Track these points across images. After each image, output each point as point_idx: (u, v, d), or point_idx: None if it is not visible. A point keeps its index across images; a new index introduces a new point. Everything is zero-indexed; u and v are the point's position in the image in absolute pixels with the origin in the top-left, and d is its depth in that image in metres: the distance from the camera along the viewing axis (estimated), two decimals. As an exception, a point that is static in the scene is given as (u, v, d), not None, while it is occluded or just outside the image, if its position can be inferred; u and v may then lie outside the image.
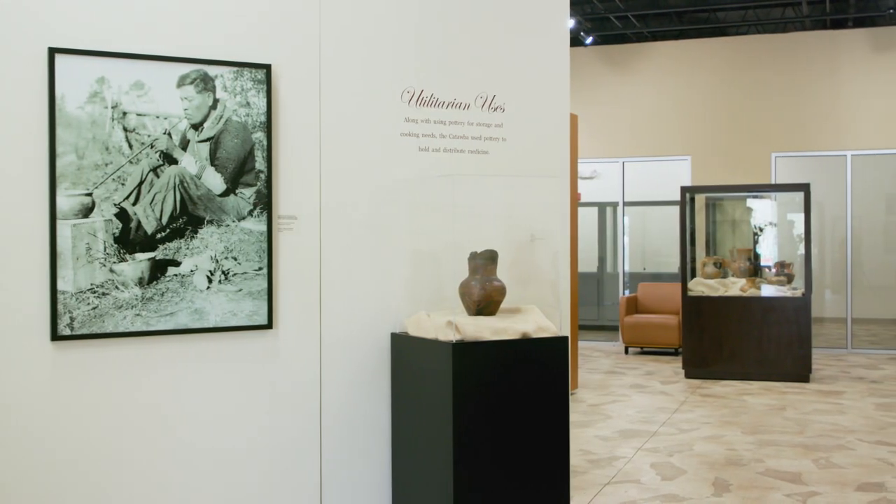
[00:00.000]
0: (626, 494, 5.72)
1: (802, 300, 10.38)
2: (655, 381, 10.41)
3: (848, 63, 13.48)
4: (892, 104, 13.16)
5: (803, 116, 13.55)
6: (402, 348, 4.29)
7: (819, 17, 13.59)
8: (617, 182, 14.47)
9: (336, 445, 4.25)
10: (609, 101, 14.51)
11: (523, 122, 4.72)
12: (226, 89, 3.96)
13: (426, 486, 4.09)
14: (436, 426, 3.96)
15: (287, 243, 4.13)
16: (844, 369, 11.32)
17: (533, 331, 4.10)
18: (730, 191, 12.47)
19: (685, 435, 7.41)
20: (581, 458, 6.63)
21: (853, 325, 13.25)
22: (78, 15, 3.73)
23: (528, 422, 4.05)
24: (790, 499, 5.59)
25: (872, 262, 13.91)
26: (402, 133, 4.42)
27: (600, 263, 15.70)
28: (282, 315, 4.12)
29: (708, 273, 11.20)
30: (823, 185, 13.37)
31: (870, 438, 7.27)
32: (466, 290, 4.16)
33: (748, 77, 13.87)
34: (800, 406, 8.73)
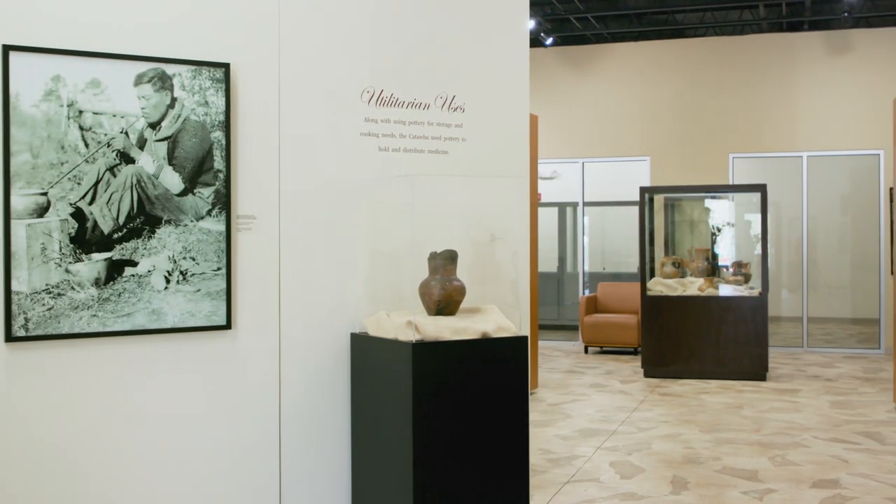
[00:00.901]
0: (586, 493, 5.75)
1: (759, 299, 10.50)
2: (615, 380, 10.48)
3: (804, 65, 13.65)
4: (846, 106, 13.35)
5: (760, 118, 13.70)
6: (362, 348, 4.28)
7: (776, 19, 13.75)
8: (577, 182, 14.54)
9: (295, 446, 4.24)
10: (569, 101, 14.58)
11: (483, 122, 4.74)
12: (184, 88, 3.93)
13: (386, 486, 4.08)
14: (395, 426, 3.96)
15: (246, 243, 4.11)
16: (800, 368, 11.47)
17: (493, 330, 4.11)
18: (688, 191, 12.59)
19: (644, 433, 7.47)
20: (541, 457, 6.66)
21: (809, 324, 13.42)
22: (33, 12, 3.68)
23: (488, 421, 4.06)
24: (747, 496, 5.66)
25: (827, 261, 14.10)
26: (362, 133, 4.41)
27: (560, 263, 15.77)
28: (240, 315, 4.09)
29: (666, 273, 11.29)
30: (780, 186, 13.53)
31: (825, 436, 7.37)
32: (426, 290, 4.16)
33: (706, 78, 14.00)
34: (756, 404, 8.83)
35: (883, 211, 12.95)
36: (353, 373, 4.34)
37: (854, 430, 7.57)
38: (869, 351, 12.97)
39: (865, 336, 13.64)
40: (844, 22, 13.14)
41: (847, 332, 14.17)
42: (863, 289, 13.79)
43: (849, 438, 7.27)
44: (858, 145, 13.23)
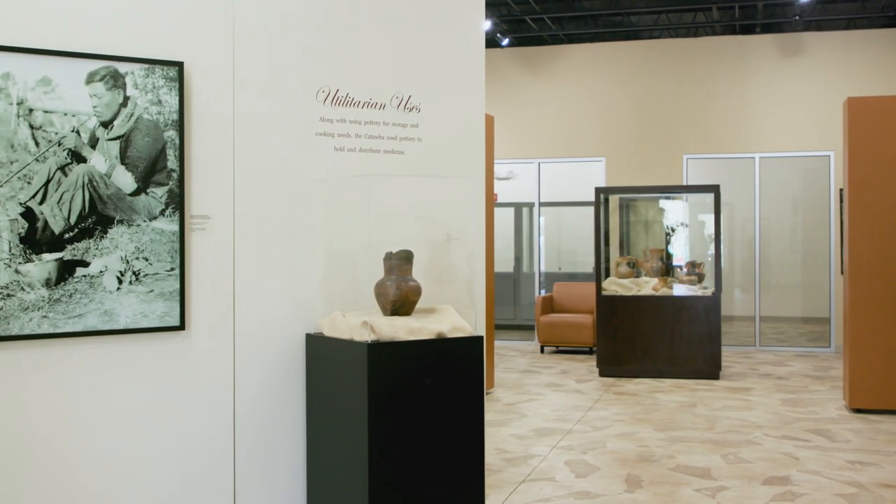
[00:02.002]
0: (541, 492, 5.78)
1: (712, 299, 10.61)
2: (570, 379, 10.54)
3: (756, 67, 13.82)
4: (798, 108, 13.54)
5: (713, 119, 13.85)
6: (317, 349, 4.27)
7: (729, 22, 13.91)
8: (533, 183, 14.60)
9: (250, 448, 4.21)
10: (525, 102, 14.63)
11: (439, 122, 4.74)
12: (136, 87, 3.89)
13: (342, 487, 4.07)
14: (351, 427, 3.95)
15: (200, 243, 4.08)
16: (752, 366, 11.61)
17: (448, 330, 4.12)
18: (643, 192, 12.69)
19: (599, 432, 7.52)
20: (496, 456, 6.68)
21: (761, 323, 13.59)
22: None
23: (444, 421, 4.07)
24: (700, 493, 5.72)
25: (779, 261, 14.29)
26: (318, 133, 4.40)
27: (516, 263, 15.83)
28: (194, 316, 4.06)
29: (621, 273, 11.37)
30: (733, 187, 13.69)
31: (776, 433, 7.47)
32: (382, 291, 4.16)
33: (661, 80, 14.12)
34: (710, 403, 8.93)
35: (833, 211, 13.15)
36: (309, 373, 4.33)
37: (804, 428, 7.68)
38: (819, 349, 13.17)
39: (816, 335, 13.84)
40: (796, 25, 13.33)
41: (798, 331, 14.37)
42: (814, 288, 13.99)
43: (799, 436, 7.37)
44: (809, 147, 13.42)
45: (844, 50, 13.54)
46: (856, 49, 13.51)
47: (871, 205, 8.32)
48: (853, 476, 6.11)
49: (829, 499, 5.60)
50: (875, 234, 8.30)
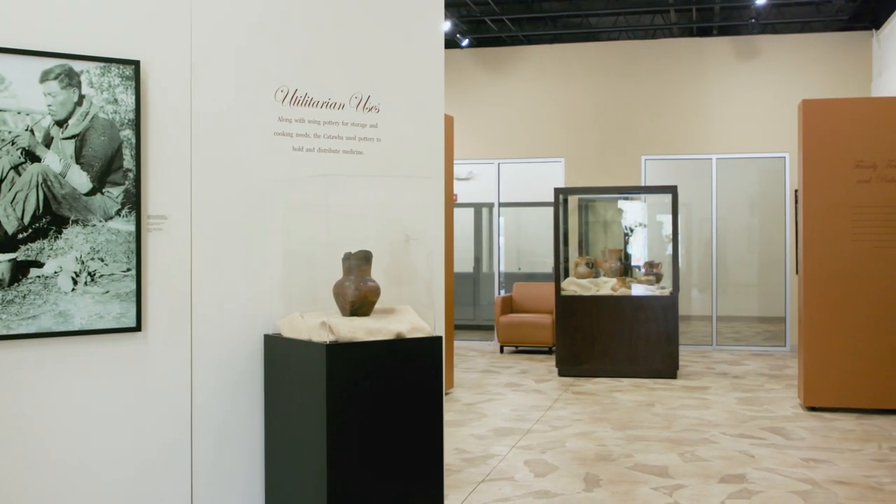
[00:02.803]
0: (500, 492, 5.79)
1: (670, 299, 10.70)
2: (530, 379, 10.58)
3: (713, 70, 13.96)
4: (754, 109, 13.69)
5: (671, 120, 13.97)
6: (276, 350, 4.25)
7: (686, 24, 14.04)
8: (492, 183, 14.63)
9: (208, 450, 4.18)
10: (485, 103, 14.67)
11: (398, 122, 4.74)
12: (92, 85, 3.85)
13: (300, 488, 4.06)
14: (310, 428, 3.94)
15: (156, 244, 4.05)
16: (710, 365, 11.72)
17: (407, 331, 4.12)
18: (601, 192, 12.78)
19: (558, 432, 7.55)
20: (456, 456, 6.69)
21: (718, 322, 13.73)
22: (-68, 5, 3.57)
23: (403, 422, 4.07)
24: (657, 492, 5.76)
25: (736, 261, 14.45)
26: (276, 132, 4.38)
27: (476, 263, 15.86)
28: (151, 317, 4.03)
29: (580, 273, 11.43)
30: (690, 188, 13.81)
31: (732, 432, 7.54)
32: (340, 291, 4.15)
33: (619, 81, 14.22)
34: (667, 402, 9.00)
35: (788, 212, 13.31)
36: (267, 375, 4.31)
37: (760, 426, 7.77)
38: (775, 348, 13.33)
39: (772, 334, 14.00)
40: (752, 28, 13.48)
41: (754, 331, 14.53)
42: (769, 288, 14.16)
43: (755, 434, 7.46)
44: (765, 148, 13.58)
45: (799, 53, 13.71)
46: (810, 52, 13.69)
47: (825, 206, 8.43)
48: (807, 473, 6.19)
49: (783, 496, 5.67)
50: (829, 235, 8.41)
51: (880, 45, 13.00)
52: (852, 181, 8.39)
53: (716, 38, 14.13)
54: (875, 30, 13.25)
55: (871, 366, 8.35)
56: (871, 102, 9.55)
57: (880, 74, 12.92)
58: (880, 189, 8.36)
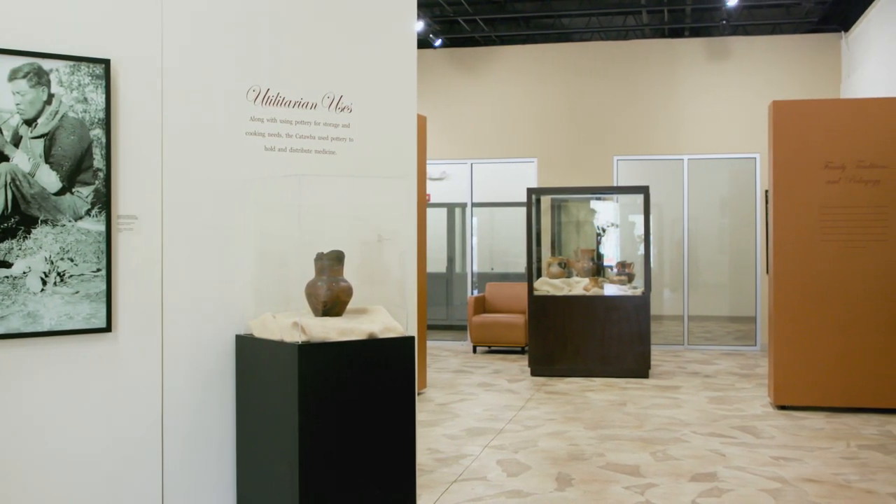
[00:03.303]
0: (473, 491, 5.80)
1: (642, 299, 10.75)
2: (502, 379, 10.59)
3: (685, 71, 14.04)
4: (725, 110, 13.79)
5: (643, 121, 14.04)
6: (248, 350, 4.23)
7: (658, 25, 14.11)
8: (465, 183, 14.65)
9: (178, 451, 4.16)
10: (458, 103, 14.68)
11: (371, 122, 4.74)
12: (62, 84, 3.82)
13: (272, 489, 4.04)
14: (281, 428, 3.92)
15: (127, 244, 4.02)
16: (681, 365, 11.78)
17: (380, 331, 4.12)
18: (574, 192, 12.81)
19: (530, 431, 7.57)
20: (429, 456, 6.69)
21: (689, 322, 13.81)
22: None
23: (375, 422, 4.06)
24: (629, 491, 5.79)
25: (707, 261, 14.53)
26: (248, 132, 4.36)
27: (449, 263, 15.86)
28: (121, 318, 4.00)
29: (553, 273, 11.46)
30: (662, 188, 13.89)
31: (703, 431, 7.59)
32: (313, 291, 4.14)
33: (592, 82, 14.27)
34: (639, 401, 9.04)
35: (759, 212, 13.41)
36: (239, 375, 4.29)
37: (731, 425, 7.82)
38: (746, 348, 13.42)
39: (742, 333, 14.10)
40: (723, 29, 13.57)
41: (725, 330, 14.63)
42: (740, 288, 14.25)
43: (726, 433, 7.51)
44: (736, 149, 13.67)
45: (770, 54, 13.82)
46: (781, 53, 13.80)
47: (795, 206, 8.51)
48: (777, 472, 6.24)
49: (754, 494, 5.71)
50: (798, 235, 8.49)
51: (849, 46, 13.13)
52: (822, 182, 8.47)
53: (687, 40, 14.22)
54: (844, 32, 13.38)
55: (840, 365, 8.43)
56: (841, 104, 9.64)
57: (849, 76, 13.04)
58: (849, 190, 8.44)
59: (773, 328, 8.67)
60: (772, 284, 8.71)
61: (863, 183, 8.42)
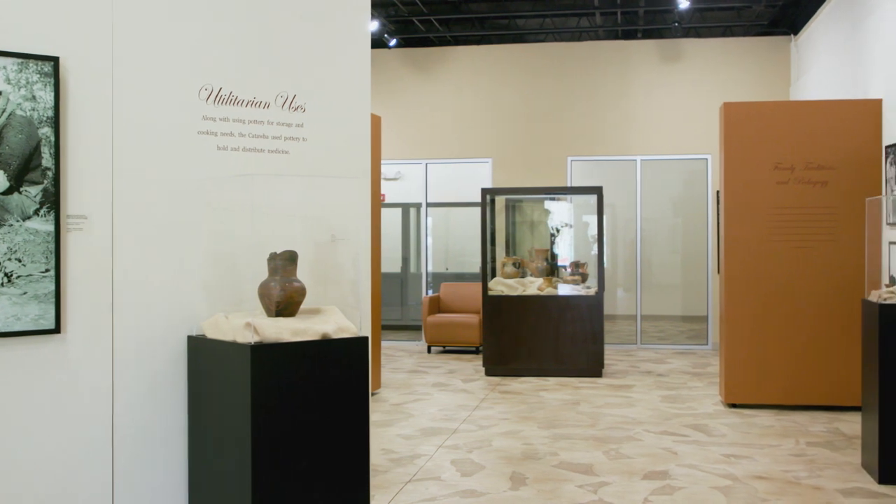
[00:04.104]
0: (427, 491, 5.80)
1: (596, 298, 10.82)
2: (457, 379, 10.61)
3: (638, 72, 14.16)
4: (677, 112, 13.92)
5: (597, 122, 14.13)
6: (200, 351, 4.20)
7: (611, 27, 14.21)
8: (420, 183, 14.64)
9: (129, 454, 4.11)
10: (413, 103, 14.67)
11: (324, 122, 4.72)
12: (9, 82, 3.76)
13: (225, 491, 4.01)
14: (234, 430, 3.90)
15: (76, 244, 3.97)
16: (634, 364, 11.88)
17: (333, 331, 4.10)
18: (528, 193, 12.87)
19: (484, 431, 7.59)
20: (383, 457, 6.68)
21: (642, 321, 13.93)
22: None
23: (329, 423, 4.05)
24: (582, 489, 5.83)
25: (660, 261, 14.66)
26: (200, 131, 4.32)
27: (404, 264, 15.85)
28: (71, 319, 3.94)
29: (507, 273, 11.50)
30: (615, 188, 13.99)
31: (656, 429, 7.66)
32: (266, 291, 4.11)
33: (546, 83, 14.33)
34: (593, 400, 9.10)
35: (710, 213, 13.55)
36: (191, 377, 4.25)
37: (683, 423, 7.91)
38: (697, 347, 13.56)
39: (695, 332, 14.25)
40: (675, 31, 13.70)
41: (678, 329, 14.77)
42: (692, 287, 14.40)
43: (678, 431, 7.59)
44: (688, 150, 13.81)
45: (721, 56, 13.98)
46: (732, 56, 13.97)
47: (746, 206, 8.62)
48: (728, 469, 6.32)
49: (705, 492, 5.77)
50: (749, 235, 8.60)
51: (798, 49, 13.32)
52: (771, 183, 8.59)
53: (640, 41, 14.34)
54: (793, 35, 13.57)
55: (789, 363, 8.56)
56: (790, 106, 9.78)
57: (798, 78, 13.23)
58: (798, 190, 8.56)
59: (724, 327, 8.77)
60: (723, 284, 8.82)
61: (811, 184, 8.55)
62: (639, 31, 14.49)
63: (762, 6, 12.80)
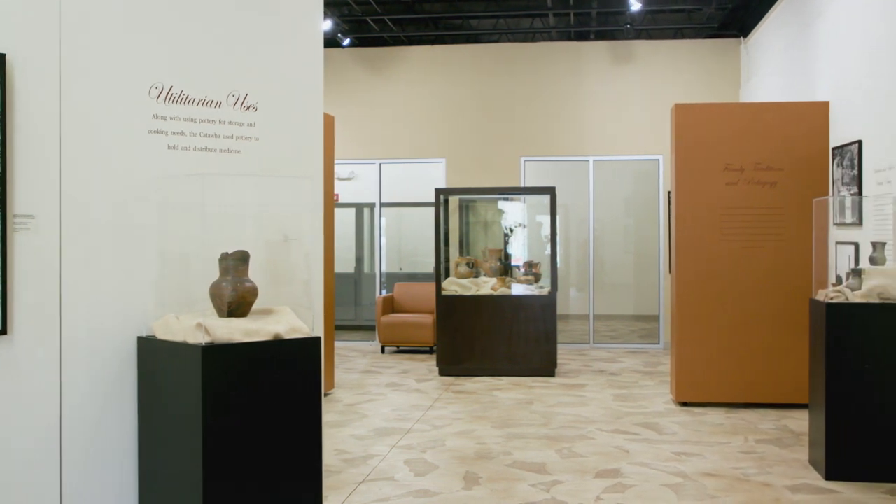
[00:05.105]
0: (381, 492, 5.79)
1: (549, 298, 10.87)
2: (411, 379, 10.60)
3: (590, 73, 14.25)
4: (629, 113, 14.03)
5: (550, 122, 14.20)
6: (150, 352, 4.16)
7: (564, 28, 14.28)
8: (374, 183, 14.62)
9: (78, 457, 4.06)
10: (367, 103, 14.64)
11: (277, 121, 4.70)
12: (-47, 79, 3.69)
13: (175, 493, 3.98)
14: (185, 432, 3.86)
15: (23, 244, 3.91)
16: (587, 363, 11.95)
17: (285, 332, 4.09)
18: (481, 193, 12.90)
19: (438, 431, 7.60)
20: (336, 457, 6.66)
21: (595, 321, 14.01)
22: None
23: (281, 424, 4.03)
24: (535, 488, 5.85)
25: (613, 261, 14.77)
26: (151, 130, 4.29)
27: (357, 264, 15.81)
28: (17, 320, 3.88)
29: (461, 273, 11.52)
30: (568, 189, 14.05)
31: (608, 428, 7.72)
32: (217, 292, 4.08)
33: (500, 83, 14.37)
34: (546, 399, 9.15)
35: (662, 213, 13.68)
36: (141, 378, 4.21)
37: (634, 422, 7.97)
38: (649, 346, 13.68)
39: (646, 332, 14.38)
40: (627, 33, 13.80)
41: (630, 329, 14.89)
42: (644, 287, 14.53)
43: (630, 430, 7.65)
44: (640, 150, 13.93)
45: (672, 58, 14.12)
46: (683, 58, 14.11)
47: (696, 207, 8.71)
48: (679, 467, 6.38)
49: (656, 489, 5.83)
50: (700, 235, 8.69)
51: (748, 52, 13.50)
52: (721, 183, 8.69)
53: (593, 43, 14.43)
54: (743, 37, 13.74)
55: (738, 362, 8.66)
56: (739, 108, 9.91)
57: (748, 80, 13.41)
58: (747, 191, 8.67)
59: (674, 326, 8.86)
60: (674, 284, 8.91)
61: (760, 185, 8.67)
62: (591, 33, 14.58)
63: (713, 9, 12.95)
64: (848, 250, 7.98)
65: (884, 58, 7.37)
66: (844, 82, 8.46)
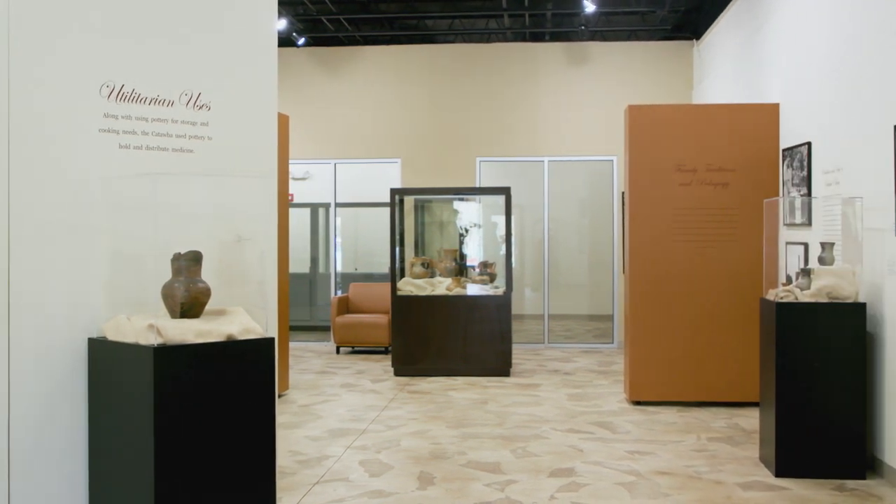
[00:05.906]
0: (335, 493, 5.78)
1: (504, 298, 10.90)
2: (366, 379, 10.58)
3: (546, 74, 14.31)
4: (583, 114, 14.11)
5: (505, 123, 14.23)
6: (100, 354, 4.10)
7: (520, 29, 14.33)
8: (329, 183, 14.56)
9: (26, 463, 3.99)
10: (321, 102, 14.58)
11: (230, 121, 4.66)
12: None
13: (126, 497, 3.93)
14: (136, 434, 3.82)
15: (-30, 244, 3.84)
16: (541, 363, 12.01)
17: (238, 332, 4.06)
18: (437, 193, 12.91)
19: (393, 431, 7.59)
20: (290, 458, 6.63)
21: (550, 321, 14.08)
22: None
23: (234, 425, 4.00)
24: (489, 488, 5.87)
25: (567, 261, 14.86)
26: (101, 129, 4.23)
27: (313, 264, 15.74)
28: (-36, 321, 3.82)
29: (416, 273, 11.52)
30: (523, 189, 14.10)
31: (562, 427, 7.76)
32: (169, 292, 4.05)
33: (455, 84, 14.39)
34: (500, 399, 9.17)
35: (616, 213, 13.78)
36: (91, 381, 4.15)
37: (589, 421, 8.02)
38: (603, 345, 13.77)
39: (600, 331, 14.47)
40: (582, 34, 13.88)
41: (584, 328, 14.99)
42: (598, 287, 14.62)
43: (584, 429, 7.70)
44: (594, 151, 14.01)
45: (626, 60, 14.23)
46: (637, 59, 14.23)
47: (649, 207, 8.79)
48: (632, 465, 6.44)
49: (609, 488, 5.87)
50: (653, 236, 8.77)
51: (700, 54, 13.64)
52: (674, 184, 8.78)
53: (548, 44, 14.49)
54: (696, 40, 13.89)
55: (691, 361, 8.76)
56: (692, 109, 10.01)
57: (700, 82, 13.55)
58: (700, 192, 8.77)
59: (628, 326, 8.93)
60: (627, 283, 8.98)
61: (713, 185, 8.77)
62: (546, 34, 14.65)
63: (666, 11, 13.07)
64: (798, 250, 8.09)
65: (833, 61, 7.49)
66: (794, 84, 8.58)
